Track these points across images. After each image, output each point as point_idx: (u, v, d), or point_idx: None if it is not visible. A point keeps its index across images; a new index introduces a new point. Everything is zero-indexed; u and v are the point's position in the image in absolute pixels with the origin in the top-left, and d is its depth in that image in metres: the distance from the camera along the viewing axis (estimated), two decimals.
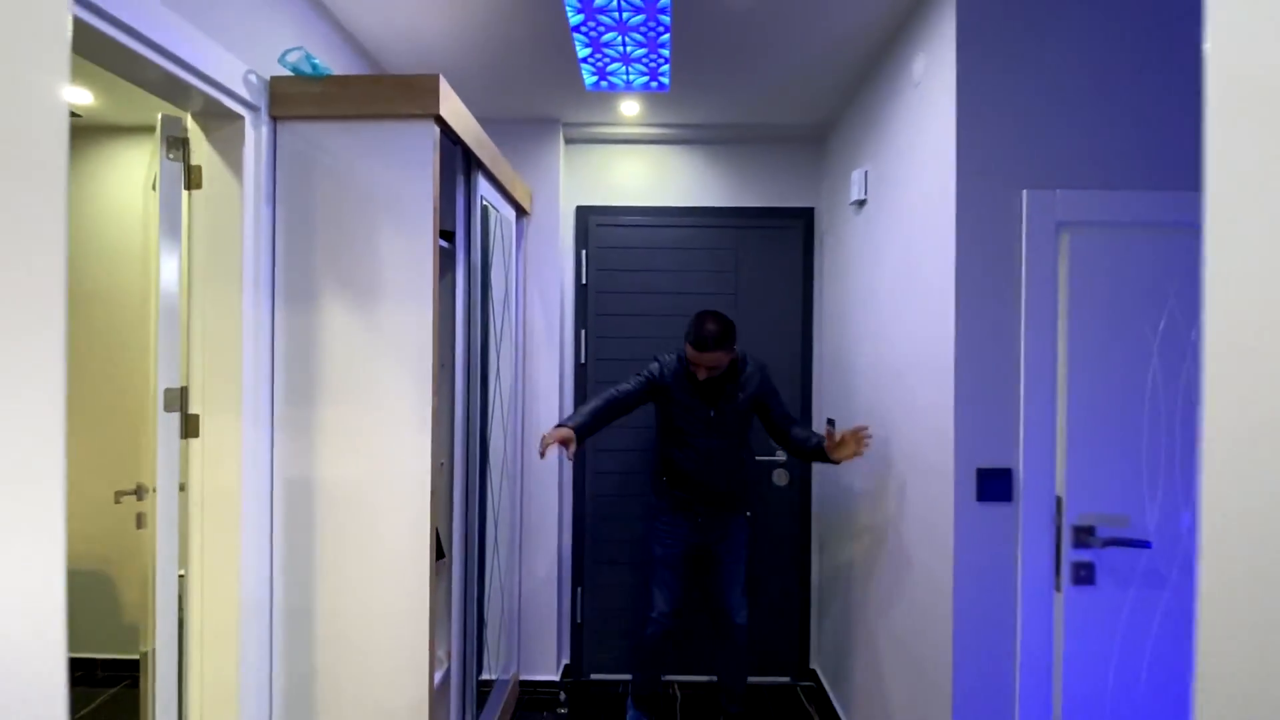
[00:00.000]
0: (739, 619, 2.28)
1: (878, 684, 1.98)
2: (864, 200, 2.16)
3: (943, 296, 1.56)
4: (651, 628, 2.26)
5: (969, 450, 1.50)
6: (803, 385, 2.70)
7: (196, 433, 1.47)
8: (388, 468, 1.54)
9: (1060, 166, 1.51)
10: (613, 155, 2.72)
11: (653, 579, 2.28)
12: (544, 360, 2.62)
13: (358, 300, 1.53)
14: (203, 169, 1.47)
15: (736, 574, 2.31)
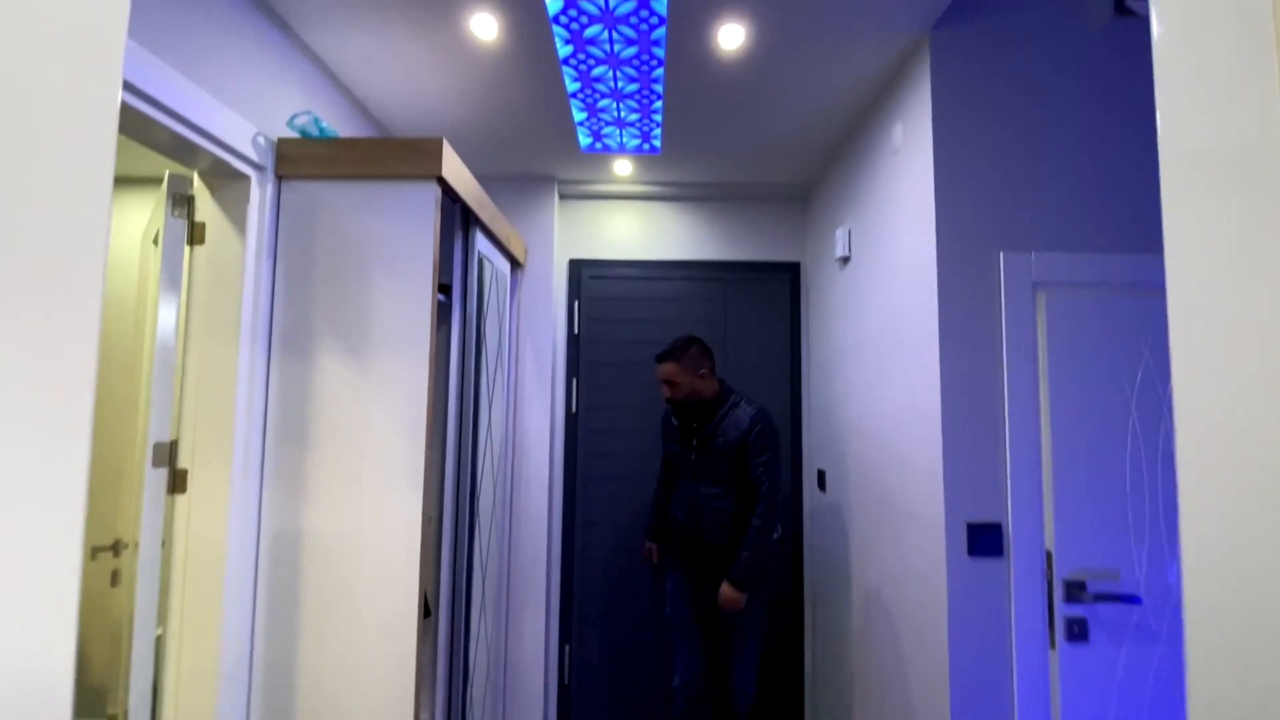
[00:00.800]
0: (739, 699, 2.08)
1: None
2: (848, 257, 2.24)
3: (927, 352, 1.61)
4: (676, 703, 2.13)
5: (959, 504, 1.52)
6: (793, 436, 2.71)
7: (184, 488, 1.45)
8: (377, 523, 1.52)
9: (1035, 229, 1.59)
10: (605, 210, 2.81)
11: (671, 646, 2.22)
12: (535, 410, 2.62)
13: (353, 353, 1.55)
14: (206, 226, 1.50)
15: (739, 648, 2.09)
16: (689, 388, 2.09)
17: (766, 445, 2.04)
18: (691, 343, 2.11)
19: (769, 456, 2.04)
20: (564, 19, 1.62)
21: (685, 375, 2.09)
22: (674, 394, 2.10)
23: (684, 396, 2.09)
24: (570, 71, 1.87)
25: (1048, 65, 1.61)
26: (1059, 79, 1.61)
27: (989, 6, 1.61)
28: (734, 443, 2.04)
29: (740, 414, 2.07)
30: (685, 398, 2.09)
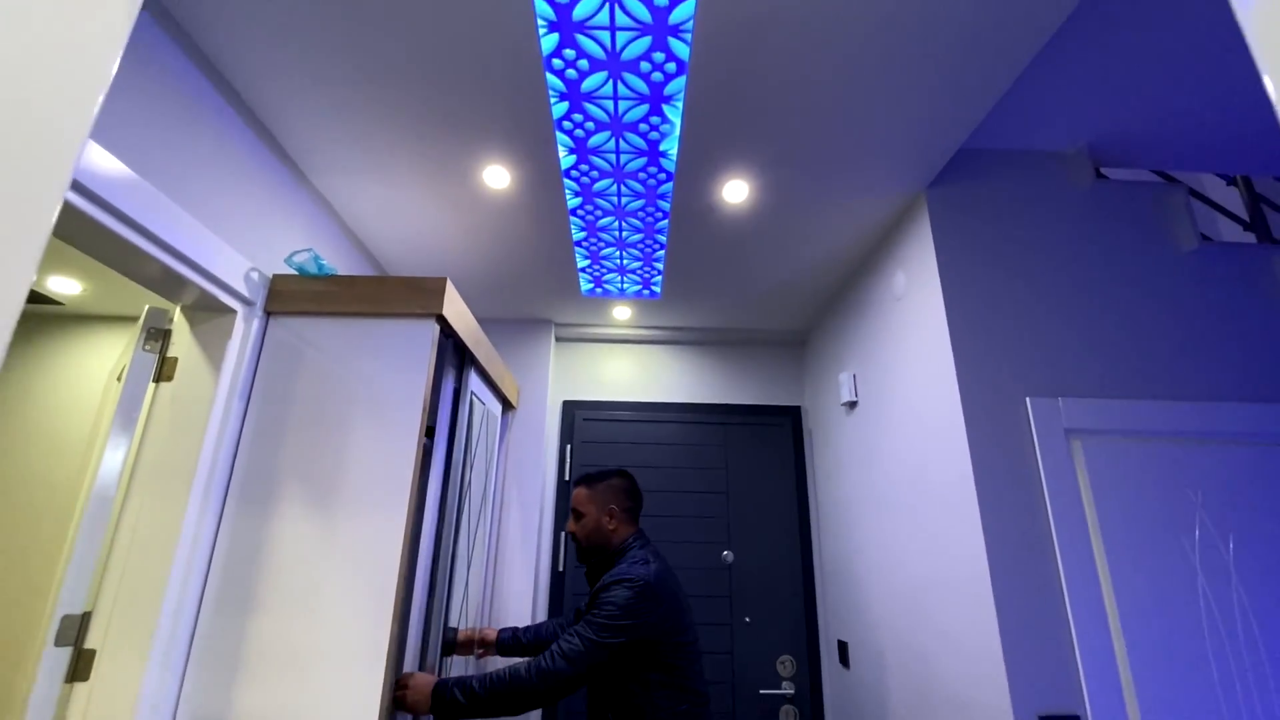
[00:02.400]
0: None
1: None
2: (855, 402, 2.17)
3: (963, 507, 1.46)
4: None
5: (1027, 693, 1.28)
6: (805, 596, 2.44)
7: (86, 675, 1.17)
8: (329, 703, 1.22)
9: (1060, 375, 1.53)
10: (602, 353, 2.77)
11: None
12: (518, 567, 2.35)
13: (321, 506, 1.35)
14: (178, 361, 1.38)
15: None
16: (593, 525, 1.67)
17: (605, 617, 1.45)
18: (615, 474, 1.75)
19: (602, 624, 1.45)
20: (575, 173, 1.67)
21: (592, 507, 1.68)
22: (577, 529, 1.70)
23: (586, 535, 1.68)
24: (577, 222, 1.90)
25: (1042, 222, 1.66)
26: (1055, 234, 1.65)
27: (979, 170, 1.71)
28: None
29: (620, 569, 1.55)
30: (588, 537, 1.67)
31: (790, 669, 2.34)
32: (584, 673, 1.43)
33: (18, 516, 2.27)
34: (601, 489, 1.72)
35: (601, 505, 1.70)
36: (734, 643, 2.37)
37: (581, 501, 1.72)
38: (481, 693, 1.39)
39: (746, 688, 2.32)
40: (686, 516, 2.52)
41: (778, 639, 2.39)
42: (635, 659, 1.47)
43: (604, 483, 1.73)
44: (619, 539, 1.67)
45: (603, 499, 1.70)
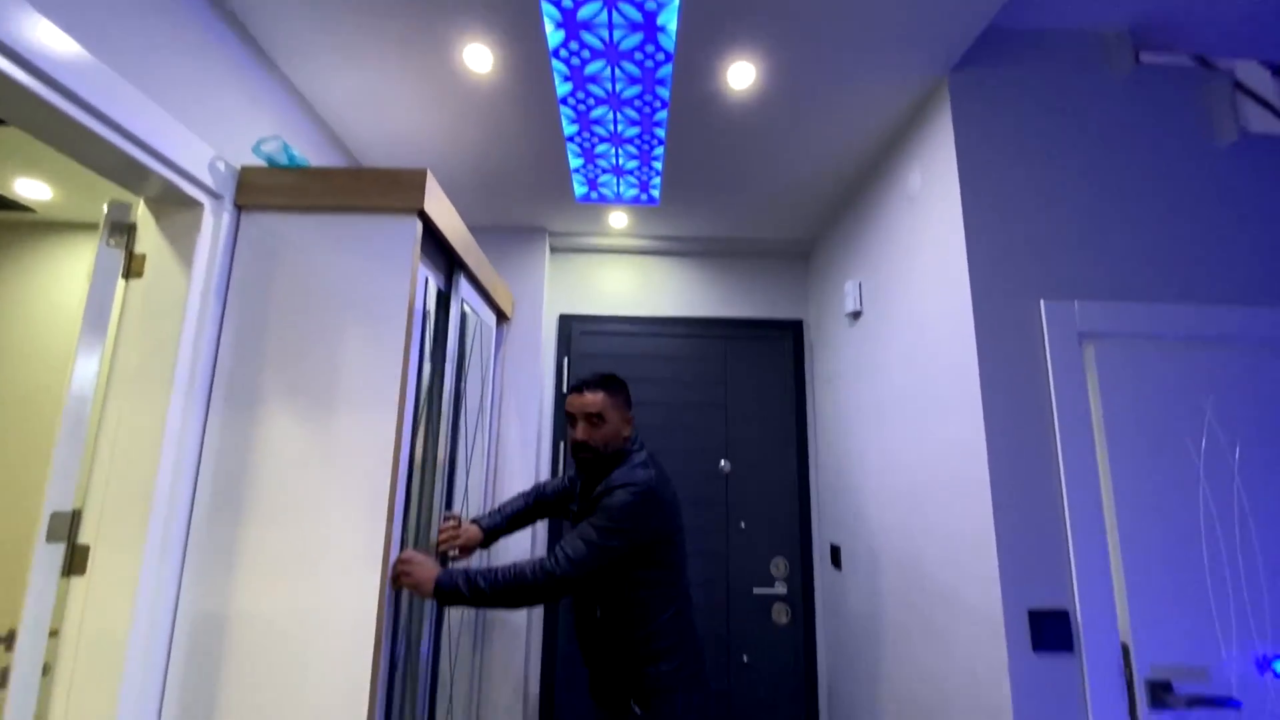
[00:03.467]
0: None
1: None
2: (859, 312, 2.10)
3: (967, 413, 1.43)
4: None
5: (1018, 588, 1.30)
6: (800, 503, 2.48)
7: (83, 569, 1.18)
8: (324, 606, 1.24)
9: (1076, 277, 1.46)
10: (598, 264, 2.67)
11: None
12: (517, 478, 2.37)
13: (308, 410, 1.32)
14: (147, 257, 1.31)
15: None
16: (613, 432, 1.59)
17: (601, 525, 1.45)
18: (619, 379, 1.68)
19: (603, 529, 1.45)
20: (564, 53, 1.52)
21: (615, 414, 1.60)
22: (593, 437, 1.58)
23: (606, 442, 1.58)
24: (568, 112, 1.76)
25: (1073, 111, 1.53)
26: (1087, 125, 1.53)
27: (1009, 52, 1.55)
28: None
29: (620, 474, 1.53)
30: (607, 444, 1.59)
31: (783, 570, 2.41)
32: (586, 575, 1.44)
33: (8, 426, 2.27)
34: (622, 397, 1.65)
35: (623, 414, 1.64)
36: (729, 547, 2.43)
37: (605, 408, 1.59)
38: (486, 588, 1.40)
39: (740, 587, 2.40)
40: (685, 429, 2.51)
41: (772, 543, 2.44)
42: (631, 560, 1.49)
43: (622, 390, 1.67)
44: (625, 440, 1.64)
45: (623, 405, 1.64)
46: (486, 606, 1.42)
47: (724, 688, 2.33)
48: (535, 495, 1.91)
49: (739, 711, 2.33)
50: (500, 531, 1.87)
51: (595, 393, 1.63)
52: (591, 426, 1.60)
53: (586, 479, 1.66)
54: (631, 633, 1.50)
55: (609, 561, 1.45)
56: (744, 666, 2.35)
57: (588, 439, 1.60)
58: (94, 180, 2.10)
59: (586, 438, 1.60)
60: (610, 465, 1.60)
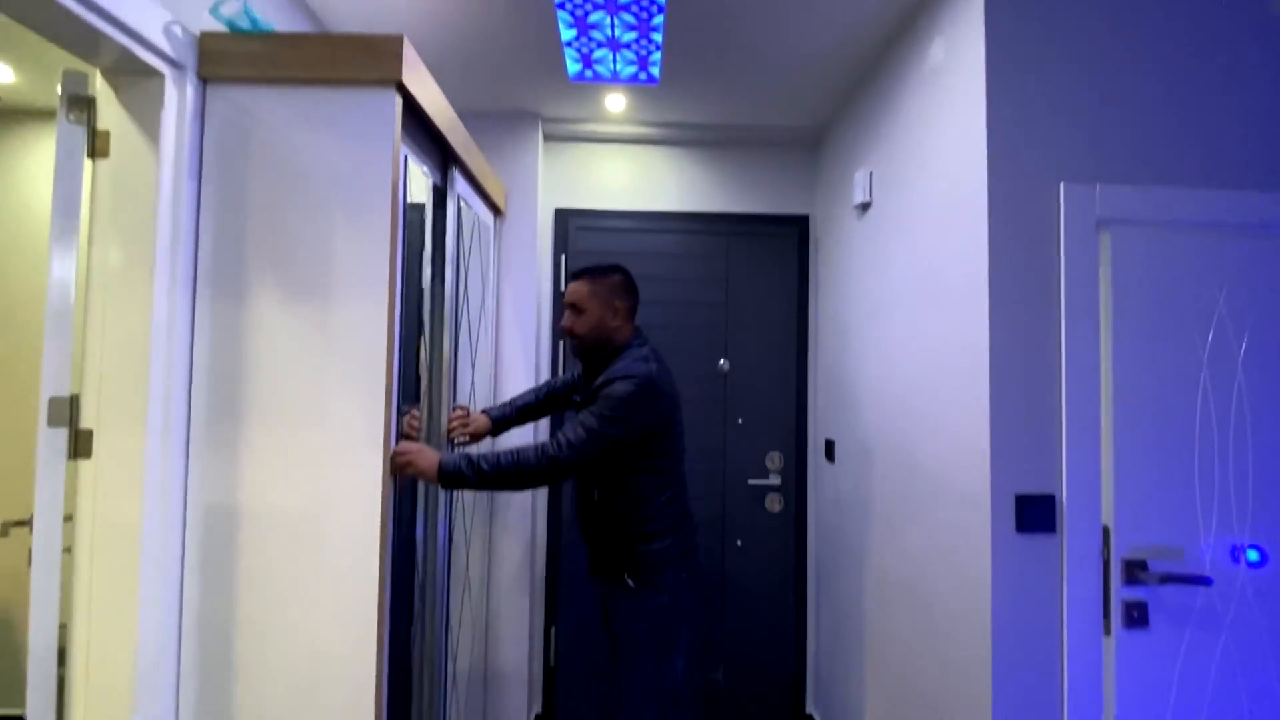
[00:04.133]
0: None
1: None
2: (868, 203, 2.01)
3: (972, 303, 1.39)
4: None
5: (1007, 474, 1.32)
6: (798, 400, 2.51)
7: (88, 452, 1.20)
8: (329, 495, 1.28)
9: (1100, 159, 1.37)
10: (595, 155, 2.54)
11: None
12: (519, 376, 2.38)
13: (299, 298, 1.29)
14: (111, 135, 1.22)
15: (624, 683, 1.58)
16: (596, 321, 1.61)
17: (605, 410, 1.47)
18: (615, 270, 1.68)
19: (604, 417, 1.47)
20: None
21: (595, 303, 1.60)
22: (576, 325, 1.61)
23: (588, 331, 1.61)
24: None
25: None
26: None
27: None
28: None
29: (622, 366, 1.54)
30: (590, 333, 1.61)
31: (778, 463, 2.48)
32: (585, 461, 1.48)
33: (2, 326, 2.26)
34: (605, 285, 1.64)
35: (605, 301, 1.63)
36: (725, 442, 2.49)
37: (582, 297, 1.62)
38: (490, 471, 1.44)
39: (736, 479, 2.48)
40: (684, 327, 2.49)
41: (768, 438, 2.50)
42: (630, 448, 1.52)
43: (607, 279, 1.65)
44: (621, 337, 1.64)
45: (606, 295, 1.63)
46: (490, 488, 1.48)
47: (718, 569, 2.46)
48: (546, 390, 1.95)
49: (732, 590, 2.48)
50: (509, 422, 1.91)
51: (577, 282, 1.66)
52: (572, 315, 1.64)
53: (587, 369, 1.68)
54: (628, 514, 1.57)
55: (608, 449, 1.48)
56: (737, 550, 2.47)
57: (570, 326, 1.65)
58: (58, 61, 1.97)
59: (569, 325, 1.65)
60: (611, 357, 1.61)
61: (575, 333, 1.64)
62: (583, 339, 1.64)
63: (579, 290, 1.64)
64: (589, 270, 1.67)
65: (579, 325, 1.63)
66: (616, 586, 1.60)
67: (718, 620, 2.47)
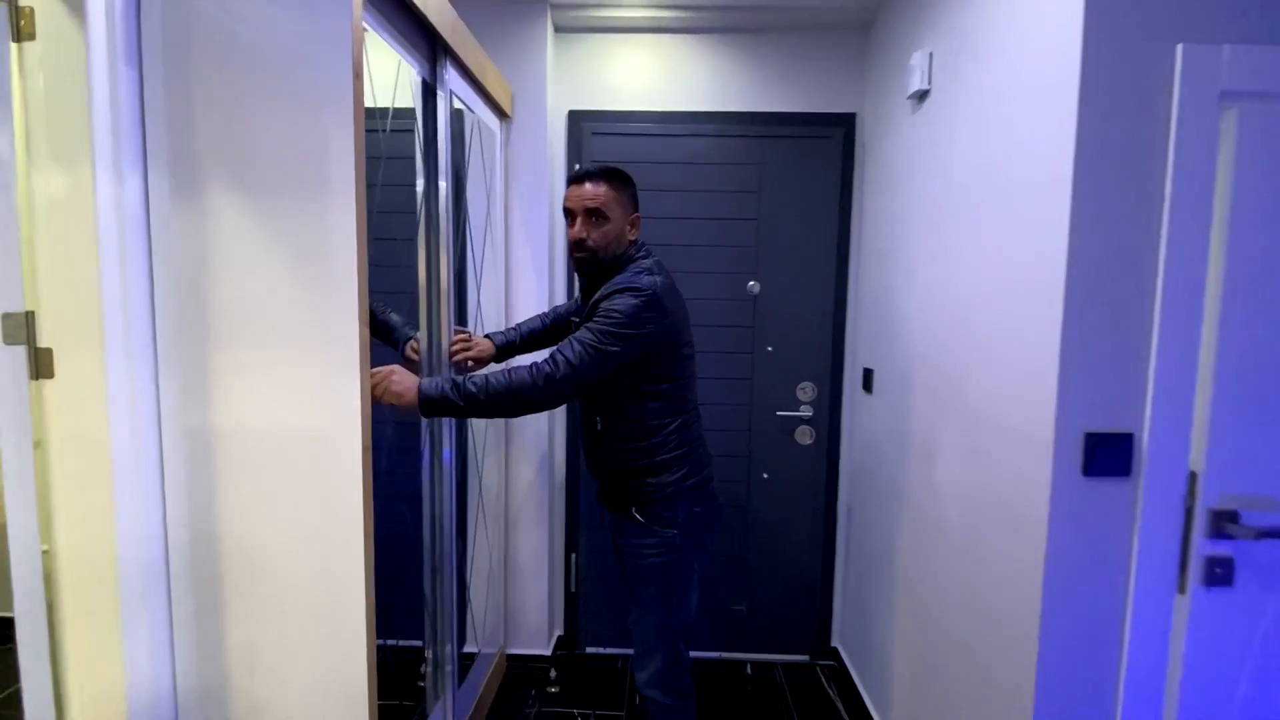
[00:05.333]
0: (642, 689, 1.52)
1: (926, 683, 1.67)
2: (926, 91, 1.71)
3: (1049, 202, 1.14)
4: None
5: (1076, 409, 1.12)
6: (834, 330, 2.30)
7: (50, 373, 1.12)
8: (304, 416, 1.18)
9: (1230, 11, 1.06)
10: (613, 47, 2.25)
11: None
12: (531, 295, 2.23)
13: (257, 199, 1.14)
14: (34, 12, 1.07)
15: (635, 618, 1.52)
16: (617, 233, 1.43)
17: (606, 325, 1.32)
18: (628, 176, 1.49)
19: (604, 332, 1.32)
20: None
21: (619, 211, 1.42)
22: (593, 235, 1.41)
23: (608, 244, 1.42)
24: None
25: None
26: None
27: None
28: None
29: (623, 278, 1.39)
30: (608, 246, 1.42)
31: (810, 394, 2.31)
32: (585, 383, 1.34)
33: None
34: (628, 193, 1.47)
35: (628, 211, 1.47)
36: (754, 370, 2.31)
37: (607, 202, 1.41)
38: (479, 394, 1.30)
39: (763, 410, 2.32)
40: (710, 245, 2.27)
41: (799, 367, 2.31)
42: (634, 370, 1.38)
43: (629, 187, 1.48)
44: (632, 247, 1.48)
45: (630, 204, 1.47)
46: (479, 415, 1.36)
47: (741, 502, 2.35)
48: (553, 317, 1.82)
49: (756, 524, 2.37)
50: (515, 349, 1.79)
51: (598, 185, 1.43)
52: (591, 223, 1.43)
53: (588, 285, 1.51)
54: (633, 444, 1.45)
55: (609, 369, 1.34)
56: (763, 483, 2.35)
57: (585, 236, 1.43)
58: None
59: (585, 235, 1.43)
60: (612, 270, 1.43)
61: (592, 244, 1.42)
62: (599, 251, 1.43)
63: (602, 194, 1.41)
64: (608, 173, 1.45)
65: (597, 235, 1.42)
66: (625, 520, 1.50)
67: (740, 553, 2.38)
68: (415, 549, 1.78)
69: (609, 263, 1.45)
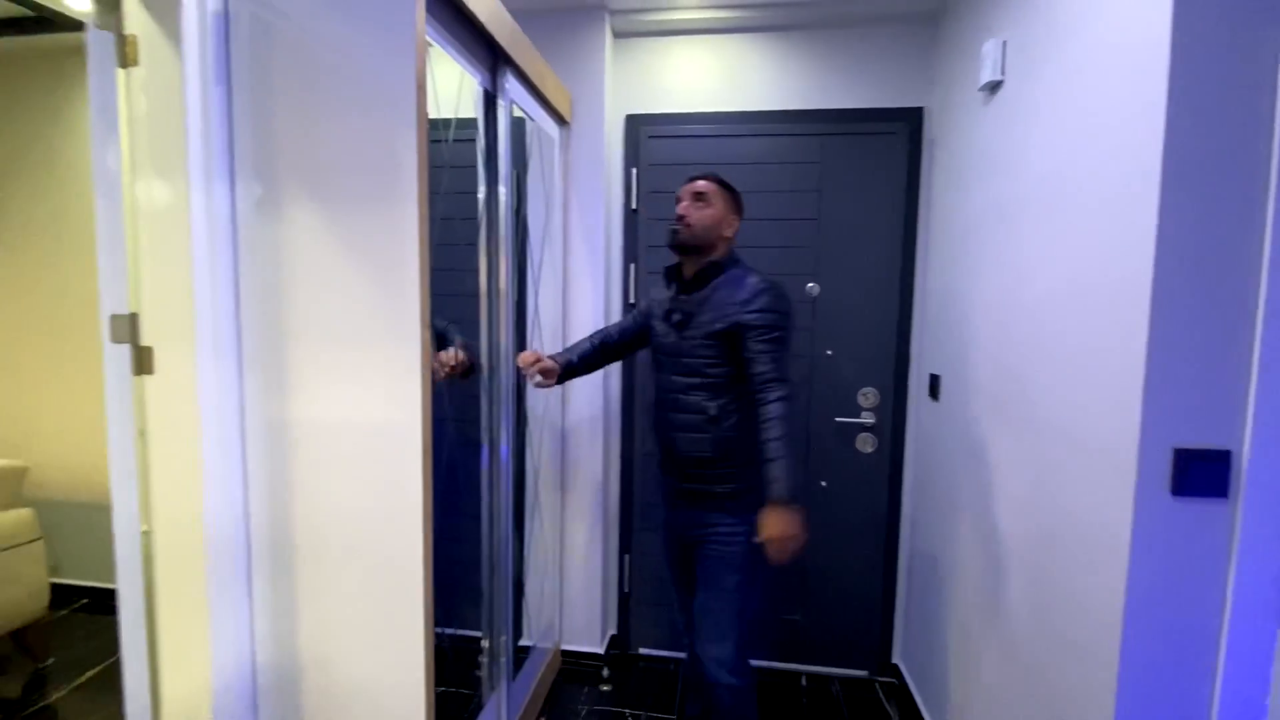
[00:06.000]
0: (712, 674, 1.55)
1: (993, 706, 1.58)
2: (999, 82, 1.62)
3: (1135, 196, 1.06)
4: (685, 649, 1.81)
5: (1164, 423, 1.03)
6: (898, 334, 2.21)
7: (150, 369, 1.23)
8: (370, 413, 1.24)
9: None
10: (670, 50, 2.26)
11: None
12: (588, 299, 2.27)
13: (329, 209, 1.22)
14: (139, 41, 1.18)
15: (712, 604, 1.56)
16: (713, 221, 1.57)
17: (773, 325, 1.47)
18: (738, 192, 1.66)
19: (777, 335, 1.47)
20: None
21: (721, 204, 1.59)
22: (693, 215, 1.56)
23: (704, 228, 1.56)
24: None
25: None
26: None
27: None
28: (725, 319, 1.49)
29: (739, 287, 1.51)
30: (704, 230, 1.56)
31: (872, 400, 2.22)
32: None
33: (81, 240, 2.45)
34: (732, 196, 1.63)
35: (729, 208, 1.61)
36: (813, 374, 2.25)
37: (712, 194, 1.59)
38: (786, 453, 1.41)
39: (822, 415, 2.26)
40: (769, 247, 2.23)
41: (861, 372, 2.23)
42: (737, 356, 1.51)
43: (735, 193, 1.64)
44: (723, 252, 1.60)
45: (732, 203, 1.62)
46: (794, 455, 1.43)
47: None
48: (601, 338, 1.85)
49: (814, 533, 2.30)
50: (575, 370, 1.83)
51: (709, 181, 1.61)
52: (695, 205, 1.59)
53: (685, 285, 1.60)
54: (742, 433, 1.53)
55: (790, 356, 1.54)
56: (821, 491, 2.28)
57: (686, 213, 1.59)
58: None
59: (685, 212, 1.59)
60: (712, 272, 1.57)
61: (690, 222, 1.58)
62: (693, 230, 1.57)
63: (710, 187, 1.60)
64: (719, 176, 1.64)
65: (697, 216, 1.58)
66: (715, 510, 1.57)
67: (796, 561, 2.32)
68: (474, 541, 1.84)
69: (702, 246, 1.57)
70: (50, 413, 2.67)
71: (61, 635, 2.48)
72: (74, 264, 2.58)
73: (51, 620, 2.45)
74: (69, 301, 2.60)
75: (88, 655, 2.37)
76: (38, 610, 2.24)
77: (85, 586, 2.74)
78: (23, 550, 2.19)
